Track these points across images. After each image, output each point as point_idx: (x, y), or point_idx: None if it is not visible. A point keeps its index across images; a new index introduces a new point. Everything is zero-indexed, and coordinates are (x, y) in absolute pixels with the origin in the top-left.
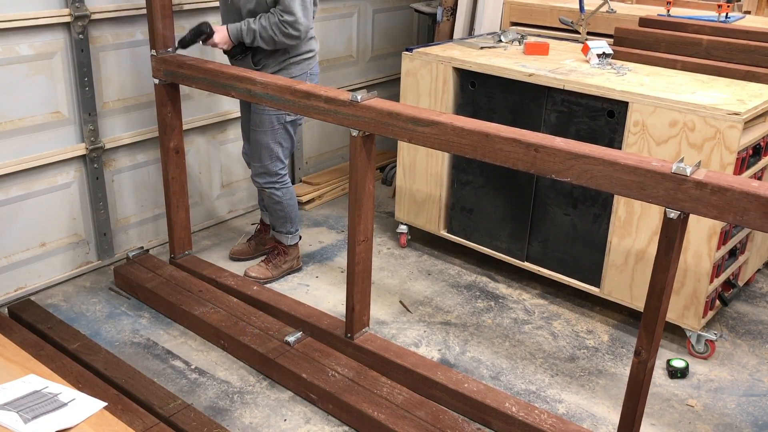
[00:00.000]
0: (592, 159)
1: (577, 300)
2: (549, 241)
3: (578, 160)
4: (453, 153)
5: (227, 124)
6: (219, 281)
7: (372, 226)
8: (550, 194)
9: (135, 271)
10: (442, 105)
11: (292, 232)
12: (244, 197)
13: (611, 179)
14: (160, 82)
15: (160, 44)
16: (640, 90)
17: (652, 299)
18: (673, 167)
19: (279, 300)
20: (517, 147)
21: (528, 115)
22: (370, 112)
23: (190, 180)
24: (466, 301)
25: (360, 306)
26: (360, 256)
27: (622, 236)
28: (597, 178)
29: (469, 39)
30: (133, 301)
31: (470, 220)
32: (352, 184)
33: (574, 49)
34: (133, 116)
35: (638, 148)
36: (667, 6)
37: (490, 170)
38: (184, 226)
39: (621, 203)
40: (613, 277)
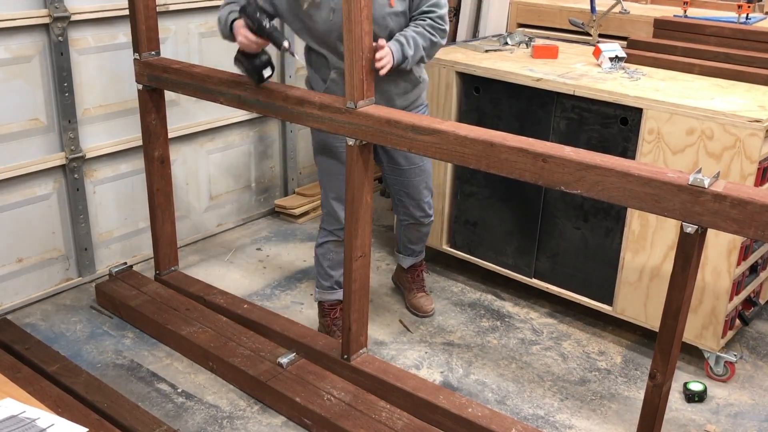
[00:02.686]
0: (604, 170)
1: (588, 319)
2: (558, 256)
3: (589, 171)
4: (456, 163)
5: (216, 132)
6: (207, 299)
7: (370, 241)
8: (560, 207)
9: (118, 288)
10: (445, 112)
11: None
12: (234, 210)
13: (624, 191)
14: (143, 87)
15: (143, 47)
16: (655, 96)
17: (667, 318)
18: (690, 178)
19: (271, 319)
20: (523, 157)
21: (536, 123)
22: (368, 120)
23: (176, 192)
24: (470, 321)
25: (357, 325)
26: (357, 272)
27: (636, 251)
28: (609, 190)
29: (473, 41)
30: (116, 320)
31: (474, 234)
32: (349, 197)
33: (585, 52)
34: (115, 124)
35: (653, 157)
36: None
37: (496, 181)
38: (169, 241)
39: (635, 216)
40: (627, 294)
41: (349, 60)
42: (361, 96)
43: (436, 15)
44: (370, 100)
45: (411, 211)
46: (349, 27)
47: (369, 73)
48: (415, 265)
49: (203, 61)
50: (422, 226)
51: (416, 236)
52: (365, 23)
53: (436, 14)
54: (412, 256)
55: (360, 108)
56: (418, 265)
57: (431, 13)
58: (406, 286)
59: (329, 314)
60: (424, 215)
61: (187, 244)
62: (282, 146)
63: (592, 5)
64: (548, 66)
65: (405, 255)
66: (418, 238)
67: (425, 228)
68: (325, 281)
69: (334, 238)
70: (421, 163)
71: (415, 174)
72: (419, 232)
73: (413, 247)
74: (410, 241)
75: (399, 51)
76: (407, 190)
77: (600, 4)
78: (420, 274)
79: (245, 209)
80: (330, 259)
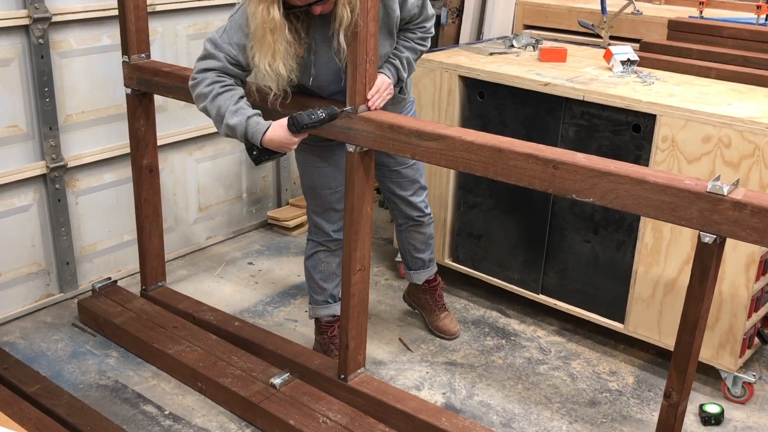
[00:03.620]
0: (618, 177)
1: (598, 337)
2: (567, 271)
3: (602, 178)
4: (461, 170)
5: (205, 140)
6: (196, 316)
7: (369, 254)
8: (569, 218)
9: (102, 304)
10: (447, 118)
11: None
12: (224, 222)
13: (639, 199)
14: (132, 91)
15: (133, 49)
16: (670, 101)
17: (683, 335)
18: (709, 186)
19: (264, 337)
20: (533, 163)
21: (543, 130)
22: (369, 125)
23: (164, 202)
24: (474, 339)
25: (355, 344)
26: (355, 287)
27: (650, 265)
28: (623, 198)
29: (477, 44)
30: (100, 338)
31: (478, 248)
32: (348, 207)
33: (595, 55)
34: (100, 130)
35: (667, 166)
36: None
37: (501, 191)
38: (157, 254)
39: (648, 228)
40: (639, 311)
41: (352, 62)
42: (362, 100)
43: (427, 28)
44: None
45: (406, 211)
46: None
47: (371, 76)
48: (431, 282)
49: (192, 64)
50: (422, 226)
51: (420, 240)
52: (371, 24)
53: (426, 29)
54: (424, 269)
55: (361, 113)
56: (433, 280)
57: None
58: (426, 307)
59: (327, 332)
60: (421, 214)
61: (174, 258)
62: None
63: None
64: (556, 70)
65: (415, 269)
66: (423, 243)
67: (426, 229)
68: (318, 295)
69: (323, 248)
70: (411, 162)
71: (406, 174)
72: (422, 235)
73: (421, 257)
74: (416, 249)
75: (395, 76)
76: (399, 190)
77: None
78: (440, 292)
79: (236, 221)
80: (322, 270)
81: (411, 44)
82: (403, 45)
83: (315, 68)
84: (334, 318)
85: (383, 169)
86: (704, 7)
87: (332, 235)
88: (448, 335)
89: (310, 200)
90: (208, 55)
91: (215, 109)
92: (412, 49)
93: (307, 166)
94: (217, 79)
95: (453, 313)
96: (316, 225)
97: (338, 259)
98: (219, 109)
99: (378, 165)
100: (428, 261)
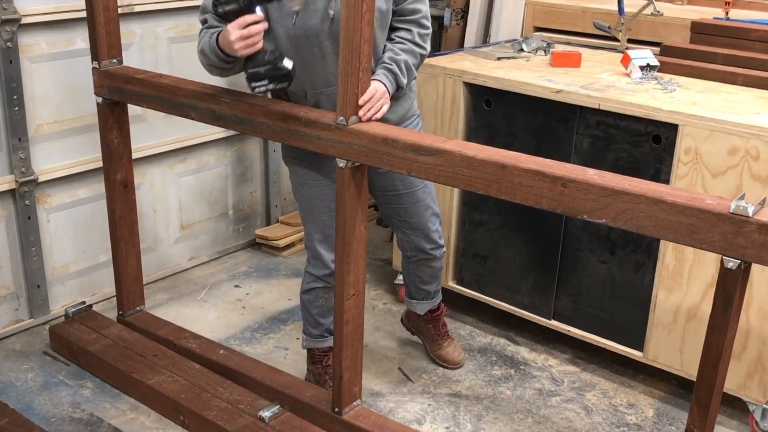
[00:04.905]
0: (633, 196)
1: (615, 367)
2: (581, 294)
3: (615, 198)
4: (462, 188)
5: (187, 152)
6: (178, 344)
7: (364, 277)
8: (583, 238)
9: (75, 331)
10: (451, 128)
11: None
12: (208, 241)
13: (656, 221)
14: (103, 100)
15: (103, 54)
16: (693, 110)
17: (706, 366)
18: (732, 206)
19: (251, 367)
20: (540, 181)
21: (555, 141)
22: (361, 138)
23: (141, 221)
24: (480, 368)
25: (350, 374)
26: (349, 313)
27: (671, 289)
28: (638, 220)
29: (484, 47)
30: (74, 367)
31: (484, 270)
32: (340, 226)
33: (612, 60)
34: (73, 142)
35: (690, 181)
36: (725, 8)
37: (509, 208)
38: (134, 277)
39: (669, 249)
40: (660, 338)
41: (344, 69)
42: (353, 111)
43: (421, 15)
44: None
45: (418, 243)
46: (347, 34)
47: (364, 85)
48: (434, 312)
49: (173, 70)
50: (433, 260)
51: (429, 273)
52: (365, 30)
53: (421, 14)
54: (428, 300)
55: (352, 125)
56: (436, 309)
57: (417, 13)
58: (428, 335)
59: (321, 361)
60: (435, 246)
61: (154, 281)
62: (264, 168)
63: (620, 6)
64: (570, 76)
65: (419, 300)
66: (432, 275)
67: (437, 262)
68: (314, 329)
69: (322, 284)
70: (422, 184)
71: (417, 199)
72: (432, 268)
73: (427, 288)
74: (422, 281)
75: (393, 83)
76: (410, 219)
77: (629, 5)
78: (442, 320)
79: (221, 240)
80: (319, 306)
81: (408, 46)
82: (399, 47)
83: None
84: (330, 348)
85: (391, 195)
86: (730, 8)
87: (332, 267)
88: (451, 365)
89: (308, 225)
90: (202, 23)
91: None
92: (410, 52)
93: (301, 187)
94: (213, 31)
95: (457, 341)
96: (316, 256)
97: None
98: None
99: (384, 191)
100: (434, 293)
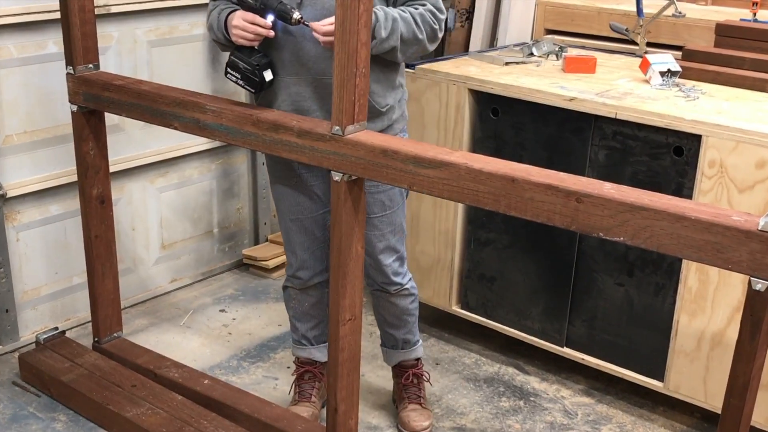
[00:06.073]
0: (653, 212)
1: (633, 398)
2: (596, 320)
3: (634, 214)
4: (468, 203)
5: (169, 165)
6: (158, 373)
7: (361, 301)
8: (598, 258)
9: (47, 359)
10: (455, 139)
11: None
12: (191, 262)
13: (678, 239)
14: (79, 109)
15: (78, 59)
16: (718, 119)
17: (732, 397)
18: (761, 222)
19: (238, 398)
20: (552, 196)
21: (569, 153)
22: (358, 150)
23: (120, 239)
24: (487, 400)
25: (345, 406)
26: (345, 339)
27: (694, 313)
28: (659, 238)
29: (491, 52)
30: (45, 399)
31: (492, 293)
32: (335, 245)
33: (630, 65)
34: (44, 154)
35: (715, 196)
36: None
37: (518, 225)
38: (111, 300)
39: (692, 270)
40: (682, 367)
41: (339, 75)
42: (350, 120)
43: (432, 7)
44: (361, 124)
45: (370, 271)
46: (342, 37)
47: (362, 93)
48: (404, 365)
49: (154, 76)
50: (391, 296)
51: (390, 312)
52: (362, 32)
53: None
54: (395, 349)
55: (348, 135)
56: (409, 365)
57: (425, 5)
58: (395, 394)
59: (298, 374)
60: (388, 282)
61: (133, 305)
62: (252, 182)
63: (639, 7)
64: (584, 82)
65: (388, 347)
66: (394, 316)
67: (398, 300)
68: (293, 333)
69: (290, 284)
70: (382, 212)
71: (372, 226)
72: (392, 306)
73: (393, 333)
74: (386, 322)
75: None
76: (365, 243)
77: (648, 6)
78: (413, 380)
79: (206, 261)
80: (293, 308)
81: (407, 15)
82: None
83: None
84: (310, 361)
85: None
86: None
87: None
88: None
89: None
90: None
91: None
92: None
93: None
94: (225, 6)
95: (430, 407)
96: (287, 257)
97: (312, 299)
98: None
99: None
100: (403, 342)
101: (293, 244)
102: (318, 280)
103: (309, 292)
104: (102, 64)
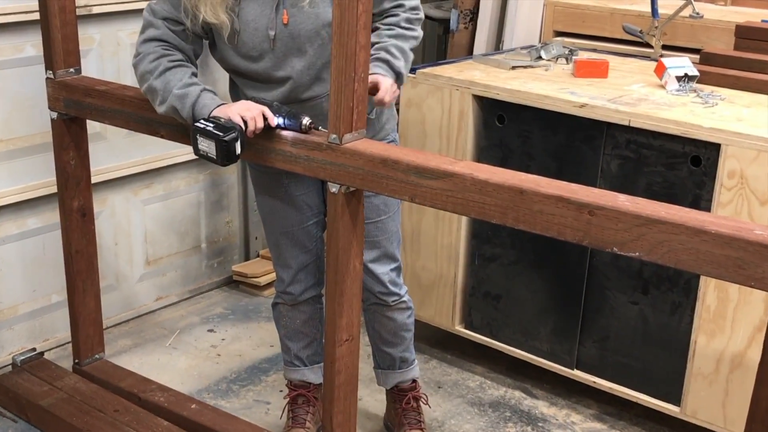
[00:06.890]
0: (670, 225)
1: (648, 424)
2: (609, 340)
3: (650, 227)
4: (474, 216)
5: (155, 176)
6: (143, 397)
7: (359, 320)
8: (611, 274)
9: (24, 382)
10: (458, 148)
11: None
12: (178, 279)
13: (697, 254)
14: (59, 116)
15: (59, 62)
16: (738, 127)
17: (754, 422)
18: None
19: (227, 424)
20: (563, 208)
21: (579, 163)
22: (357, 159)
23: (102, 254)
24: (492, 425)
25: (342, 431)
26: (342, 361)
27: (713, 334)
28: (677, 253)
29: (496, 55)
30: (22, 424)
31: (497, 311)
32: (331, 261)
33: (644, 69)
34: (21, 164)
35: (734, 208)
36: None
37: (526, 240)
38: (93, 320)
39: (710, 287)
40: (700, 391)
41: (337, 80)
42: (348, 128)
43: (409, 6)
44: (360, 132)
45: (366, 282)
46: (340, 40)
47: (360, 98)
48: (402, 388)
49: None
50: (389, 310)
51: (387, 328)
52: (361, 35)
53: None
54: (392, 369)
55: (346, 143)
56: (407, 388)
57: (401, 7)
58: (392, 419)
59: (290, 397)
60: (386, 291)
61: (115, 324)
62: (242, 194)
63: (654, 7)
64: (595, 88)
65: (383, 368)
66: (391, 333)
67: (396, 314)
68: (285, 354)
69: (281, 300)
70: (377, 217)
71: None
72: (389, 320)
73: (390, 352)
74: (382, 339)
75: (390, 71)
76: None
77: (664, 6)
78: (411, 404)
79: (193, 278)
80: (284, 326)
81: (395, 31)
82: (384, 32)
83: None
84: (303, 383)
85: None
86: None
87: (286, 281)
88: None
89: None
90: (147, 25)
91: (163, 83)
92: (399, 36)
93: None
94: (165, 52)
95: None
96: (277, 272)
97: (304, 316)
98: (168, 84)
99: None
100: (400, 361)
101: (285, 258)
102: (310, 294)
103: (300, 308)
104: (83, 68)
